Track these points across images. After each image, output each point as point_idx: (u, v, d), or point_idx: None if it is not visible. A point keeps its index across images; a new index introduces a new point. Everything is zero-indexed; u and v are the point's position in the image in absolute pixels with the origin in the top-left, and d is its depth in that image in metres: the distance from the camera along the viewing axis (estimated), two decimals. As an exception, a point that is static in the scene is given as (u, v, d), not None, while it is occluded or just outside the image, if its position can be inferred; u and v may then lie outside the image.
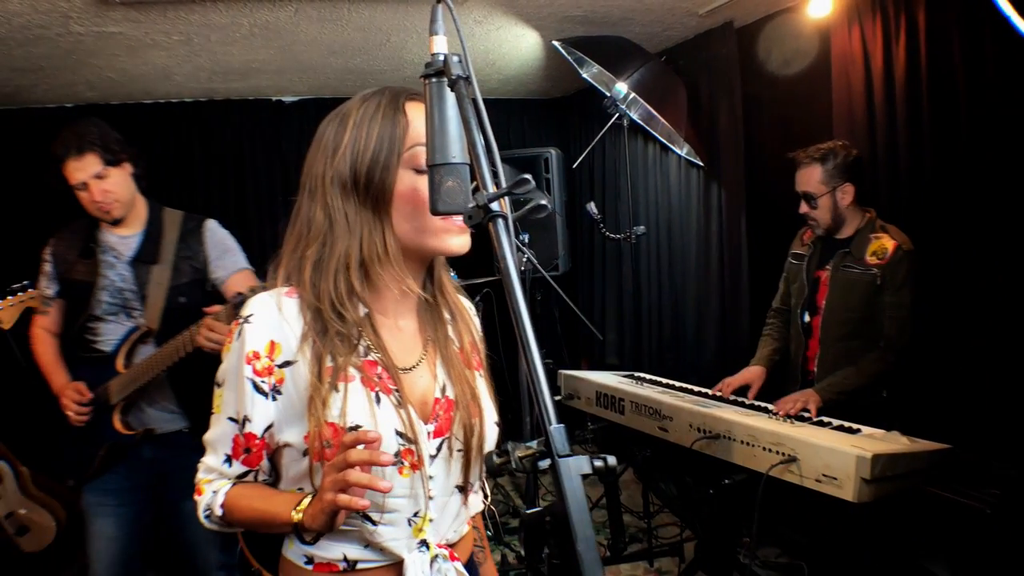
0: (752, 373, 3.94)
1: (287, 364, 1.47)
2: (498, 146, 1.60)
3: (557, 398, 4.36)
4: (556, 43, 4.93)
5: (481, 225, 1.11)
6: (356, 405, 1.43)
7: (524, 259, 4.73)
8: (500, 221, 1.09)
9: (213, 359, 2.67)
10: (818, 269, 3.81)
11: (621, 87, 4.80)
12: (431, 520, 1.50)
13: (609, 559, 4.50)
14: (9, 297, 3.39)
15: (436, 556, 1.49)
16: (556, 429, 0.98)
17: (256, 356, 1.46)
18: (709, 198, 5.23)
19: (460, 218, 1.34)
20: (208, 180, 6.47)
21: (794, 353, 3.98)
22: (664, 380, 4.28)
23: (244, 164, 6.52)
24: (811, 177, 3.66)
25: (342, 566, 1.49)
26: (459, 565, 1.52)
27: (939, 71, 3.64)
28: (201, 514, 1.58)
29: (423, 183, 1.44)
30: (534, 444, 1.01)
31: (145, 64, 5.31)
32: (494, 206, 1.09)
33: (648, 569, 4.49)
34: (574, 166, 6.12)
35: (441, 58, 1.25)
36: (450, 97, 1.24)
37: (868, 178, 3.82)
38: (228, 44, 4.98)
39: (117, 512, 3.14)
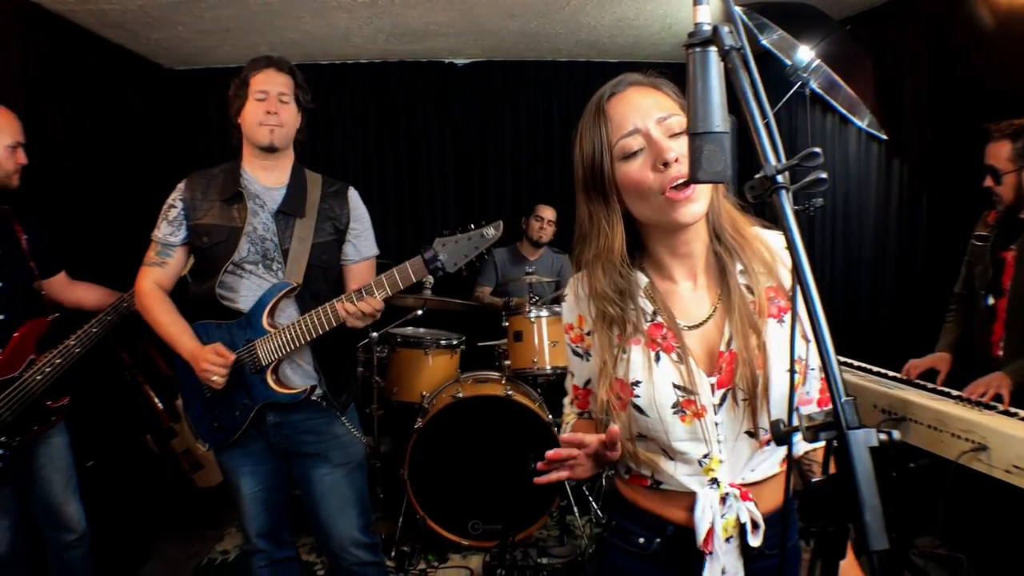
0: (939, 358, 3.83)
1: (590, 333, 1.76)
2: None
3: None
4: (738, 8, 4.83)
5: (763, 197, 1.12)
6: (636, 365, 1.64)
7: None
8: (783, 193, 1.10)
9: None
10: (1003, 250, 3.66)
11: (804, 55, 4.68)
12: (721, 461, 1.62)
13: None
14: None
15: (727, 494, 1.60)
16: (846, 402, 0.99)
17: (571, 328, 1.85)
18: (890, 173, 5.07)
19: (690, 188, 1.52)
20: (381, 141, 6.63)
21: (978, 337, 3.85)
22: (842, 357, 4.19)
23: (416, 125, 6.66)
24: (1000, 152, 3.53)
25: (649, 482, 1.71)
26: (752, 506, 1.60)
27: None
28: (560, 438, 1.84)
29: (632, 168, 1.60)
30: (820, 415, 1.02)
31: (327, 26, 5.47)
32: (778, 178, 1.10)
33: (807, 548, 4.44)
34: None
35: (706, 28, 1.25)
36: (714, 67, 1.24)
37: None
38: (410, 7, 5.08)
39: (256, 471, 3.10)
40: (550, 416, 4.58)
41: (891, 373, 3.77)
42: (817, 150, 1.06)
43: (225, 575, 4.48)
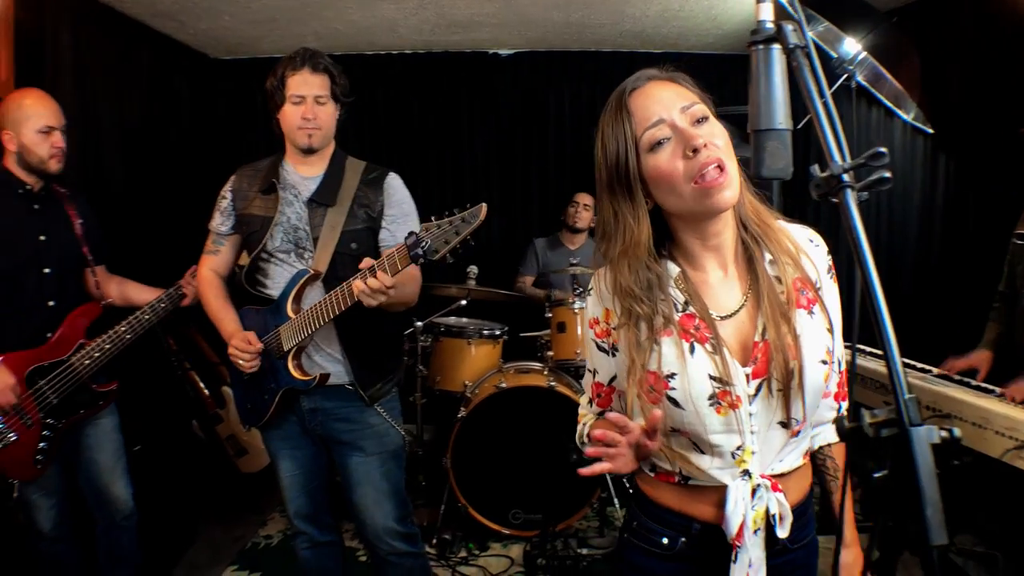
0: (981, 356, 3.80)
1: (618, 328, 1.73)
2: (714, 103, 1.66)
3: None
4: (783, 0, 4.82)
5: (827, 195, 1.13)
6: (670, 356, 1.62)
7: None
8: (849, 192, 1.11)
9: (377, 311, 2.75)
10: (1044, 248, 3.64)
11: (850, 47, 4.65)
12: (753, 452, 1.62)
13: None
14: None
15: (758, 486, 1.61)
16: (909, 399, 1.01)
17: (596, 322, 1.81)
18: (935, 168, 5.04)
19: (722, 175, 1.52)
20: (424, 132, 6.66)
21: (1020, 336, 3.81)
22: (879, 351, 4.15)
23: (460, 117, 6.67)
24: None
25: (677, 478, 1.71)
26: (781, 496, 1.62)
27: None
28: (577, 440, 1.95)
29: (660, 158, 1.60)
30: (883, 412, 1.03)
31: (374, 16, 5.51)
32: (844, 177, 1.11)
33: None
34: (798, 127, 5.99)
35: (769, 25, 1.27)
36: (777, 64, 1.26)
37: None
38: (458, -2, 5.10)
39: (294, 455, 3.18)
40: (593, 407, 4.56)
41: (934, 370, 3.76)
42: (883, 149, 1.07)
43: (268, 559, 4.53)
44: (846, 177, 1.11)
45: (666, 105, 1.59)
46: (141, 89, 5.36)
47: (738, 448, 1.62)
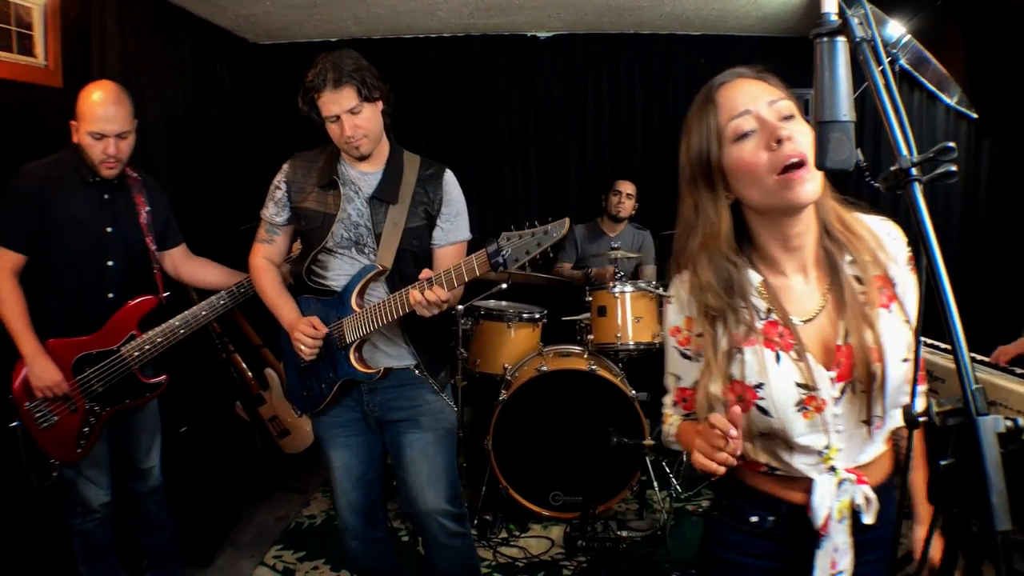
0: None
1: (700, 335, 1.73)
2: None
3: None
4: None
5: (895, 189, 1.15)
6: (755, 366, 1.64)
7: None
8: (916, 186, 1.12)
9: None
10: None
11: (894, 30, 4.63)
12: (839, 450, 1.65)
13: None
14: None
15: (843, 480, 1.64)
16: (977, 389, 1.03)
17: (678, 330, 1.83)
18: (979, 153, 5.00)
19: (803, 169, 1.51)
20: (464, 115, 6.67)
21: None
22: (932, 341, 4.14)
23: (499, 100, 6.67)
24: None
25: (765, 468, 1.74)
26: (867, 488, 1.64)
27: None
28: (663, 439, 1.96)
29: (744, 150, 1.60)
30: (950, 402, 1.06)
31: (413, 0, 5.51)
32: (912, 171, 1.12)
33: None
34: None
35: (834, 18, 1.28)
36: (841, 56, 1.27)
37: None
38: (496, -21, 5.11)
39: (349, 443, 3.17)
40: (633, 392, 4.63)
41: (980, 357, 3.73)
42: (951, 144, 1.09)
43: (312, 538, 4.61)
44: (914, 171, 1.12)
45: (753, 98, 1.60)
46: (184, 75, 5.43)
47: (824, 447, 1.64)
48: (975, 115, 4.95)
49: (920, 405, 1.79)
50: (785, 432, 1.63)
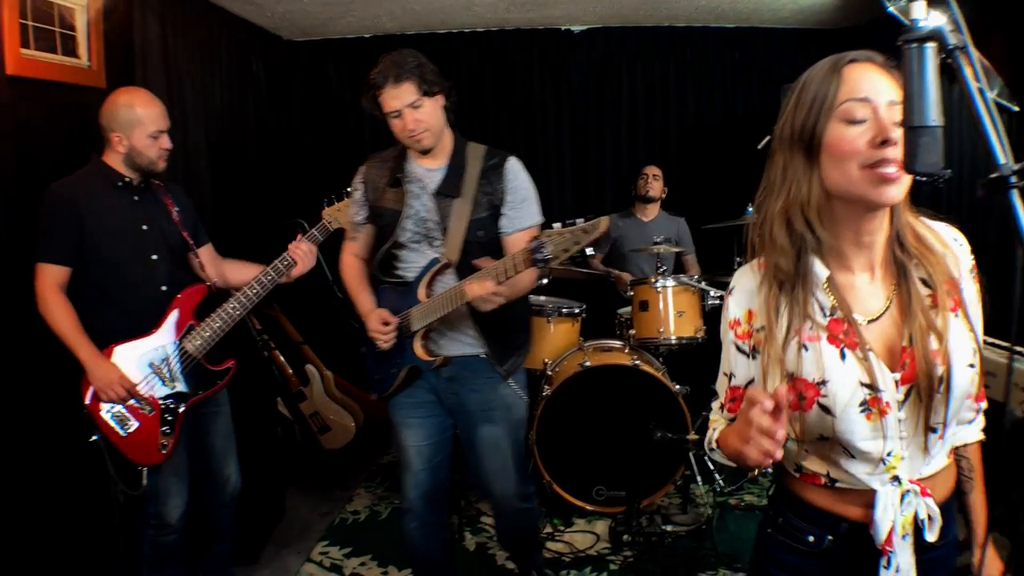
0: None
1: (761, 329, 1.69)
2: (792, 79, 1.67)
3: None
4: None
5: (993, 195, 1.14)
6: (820, 363, 1.60)
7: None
8: (1015, 193, 1.12)
9: None
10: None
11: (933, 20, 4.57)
12: (903, 458, 1.61)
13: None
14: (345, 199, 3.54)
15: (907, 491, 1.59)
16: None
17: (737, 323, 1.76)
18: (1020, 147, 4.95)
19: (893, 168, 1.49)
20: (498, 110, 6.69)
21: None
22: (986, 337, 4.09)
23: (533, 94, 6.68)
24: None
25: (824, 480, 1.68)
26: (930, 501, 1.60)
27: None
28: (706, 446, 1.87)
29: (848, 133, 1.54)
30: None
31: (450, -5, 5.53)
32: (1012, 179, 1.12)
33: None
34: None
35: (922, 24, 1.27)
36: (931, 63, 1.27)
37: None
38: (532, -26, 5.10)
39: (422, 423, 3.29)
40: (676, 387, 4.61)
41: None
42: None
43: (358, 534, 4.63)
44: (1013, 179, 1.12)
45: (878, 90, 1.55)
46: (222, 73, 5.44)
47: (888, 454, 1.60)
48: (1016, 108, 4.89)
49: (979, 422, 1.79)
50: (847, 434, 1.58)
